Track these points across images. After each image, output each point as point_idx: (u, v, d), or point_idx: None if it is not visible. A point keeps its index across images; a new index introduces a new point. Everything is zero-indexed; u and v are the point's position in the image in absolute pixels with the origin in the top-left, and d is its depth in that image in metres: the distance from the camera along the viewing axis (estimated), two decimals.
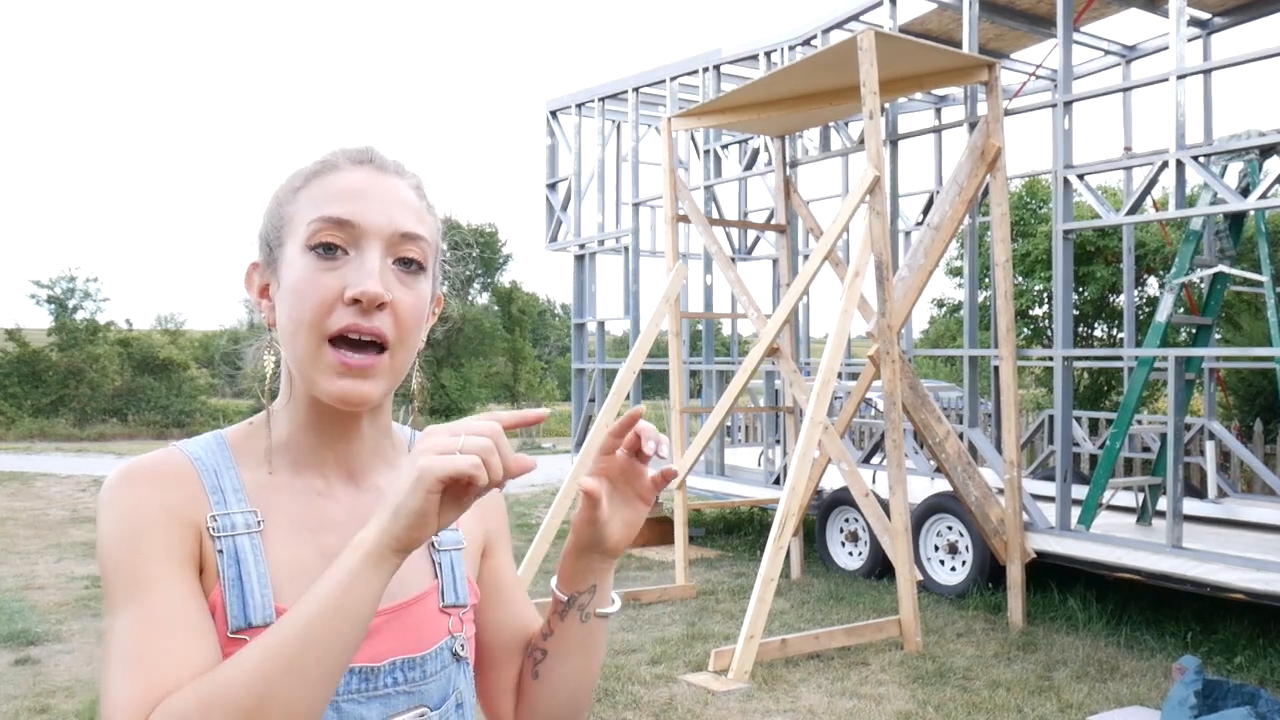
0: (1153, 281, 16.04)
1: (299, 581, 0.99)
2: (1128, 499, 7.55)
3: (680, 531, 7.60)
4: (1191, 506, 7.13)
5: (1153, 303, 15.25)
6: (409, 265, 1.00)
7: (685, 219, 8.09)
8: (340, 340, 0.97)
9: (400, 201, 1.01)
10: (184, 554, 0.95)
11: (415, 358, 1.06)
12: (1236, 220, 6.72)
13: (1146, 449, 9.12)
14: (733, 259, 9.87)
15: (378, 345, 0.98)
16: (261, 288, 1.05)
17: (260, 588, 0.97)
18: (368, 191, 1.00)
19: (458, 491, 0.87)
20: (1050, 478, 7.60)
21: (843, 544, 8.37)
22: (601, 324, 11.00)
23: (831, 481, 8.42)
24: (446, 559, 1.11)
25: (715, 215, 9.76)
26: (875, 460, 9.09)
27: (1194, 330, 7.26)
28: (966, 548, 7.31)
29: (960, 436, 7.55)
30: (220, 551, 0.97)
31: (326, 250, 0.97)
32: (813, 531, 8.71)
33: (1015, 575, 6.58)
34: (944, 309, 18.68)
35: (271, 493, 1.02)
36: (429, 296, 1.04)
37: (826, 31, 8.23)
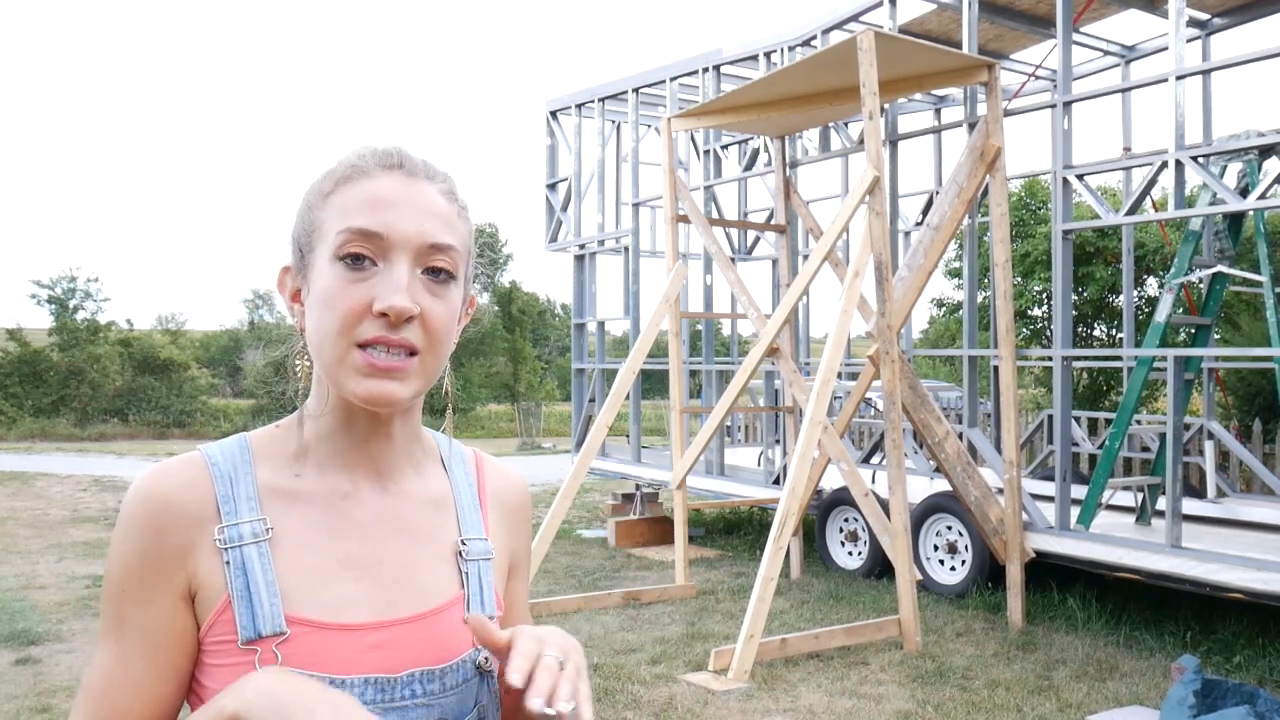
0: (1152, 282, 16.03)
1: (314, 589, 0.98)
2: (1127, 499, 7.56)
3: (680, 531, 7.61)
4: (1190, 506, 7.14)
5: (1152, 303, 15.25)
6: (438, 275, 1.00)
7: (685, 219, 8.10)
8: (369, 344, 0.96)
9: (430, 210, 1.00)
10: (171, 585, 0.97)
11: (447, 362, 1.05)
12: (1235, 220, 6.73)
13: (1146, 449, 9.13)
14: (732, 259, 9.88)
15: (408, 350, 0.97)
16: (294, 292, 1.04)
17: (269, 597, 0.96)
18: (397, 200, 0.99)
19: None
20: (1049, 477, 7.61)
21: (842, 544, 8.38)
22: (601, 324, 11.00)
23: (831, 481, 8.43)
24: (474, 569, 1.09)
25: (715, 215, 9.76)
26: (875, 460, 9.10)
27: (1193, 330, 7.27)
28: (966, 547, 7.32)
29: (960, 436, 7.56)
30: (228, 563, 0.97)
31: (355, 261, 0.97)
32: (812, 531, 8.72)
33: (1015, 575, 6.59)
34: (943, 309, 18.67)
35: (291, 497, 1.02)
36: (460, 303, 1.03)
37: (826, 32, 8.24)
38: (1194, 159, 6.01)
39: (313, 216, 1.02)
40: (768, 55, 8.77)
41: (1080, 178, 6.53)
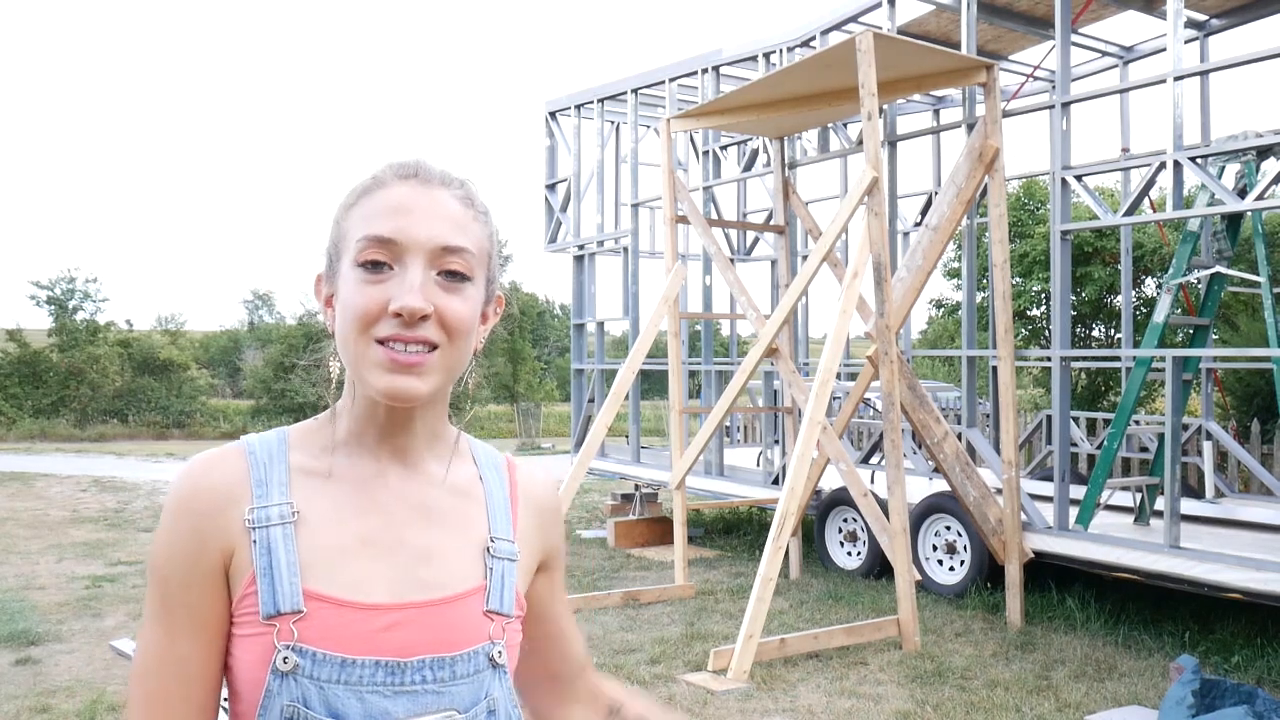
0: (1150, 282, 16.06)
1: (334, 565, 1.04)
2: (1125, 499, 7.57)
3: (679, 531, 7.62)
4: (1189, 506, 7.15)
5: (1150, 303, 15.26)
6: (453, 276, 1.05)
7: (684, 220, 8.11)
8: (387, 340, 1.02)
9: (443, 214, 1.06)
10: (211, 565, 1.03)
11: (473, 358, 1.11)
12: (1234, 221, 6.74)
13: (1144, 449, 9.13)
14: (732, 260, 9.88)
15: (426, 345, 1.02)
16: (327, 298, 1.11)
17: (289, 576, 1.01)
18: (411, 207, 1.05)
19: None
20: (1048, 478, 7.62)
21: (841, 544, 8.39)
22: (601, 324, 11.01)
23: (830, 481, 8.43)
24: (499, 566, 1.12)
25: (714, 216, 9.77)
26: (874, 460, 9.10)
27: (1191, 331, 7.28)
28: (965, 547, 7.33)
29: (958, 437, 7.57)
30: (254, 542, 1.03)
31: (373, 266, 1.03)
32: (811, 531, 8.72)
33: (1013, 575, 6.60)
34: (942, 310, 18.69)
35: (320, 481, 1.08)
36: (479, 301, 1.08)
37: (825, 33, 8.25)
38: (1192, 160, 6.01)
39: (339, 228, 1.09)
40: (767, 56, 8.78)
41: (1079, 178, 6.54)
